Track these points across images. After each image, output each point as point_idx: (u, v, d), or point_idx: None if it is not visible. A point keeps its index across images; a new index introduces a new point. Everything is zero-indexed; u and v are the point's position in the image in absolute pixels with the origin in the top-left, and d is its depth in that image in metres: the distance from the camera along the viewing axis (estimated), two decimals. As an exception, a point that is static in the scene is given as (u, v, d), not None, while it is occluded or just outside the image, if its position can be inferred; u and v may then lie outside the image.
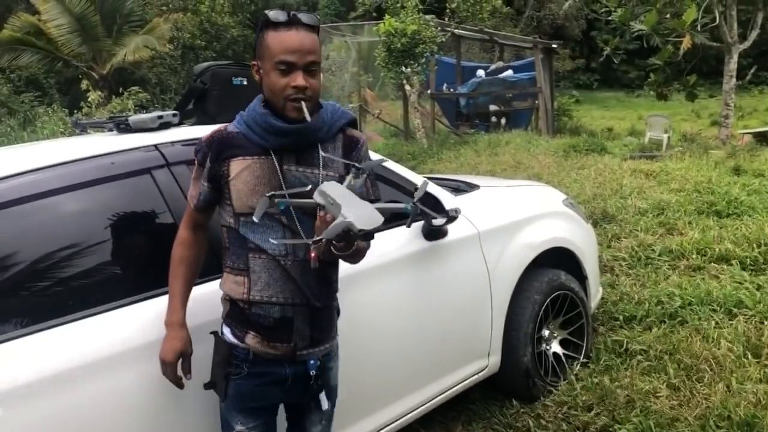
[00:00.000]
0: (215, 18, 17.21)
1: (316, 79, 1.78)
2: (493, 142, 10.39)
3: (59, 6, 18.74)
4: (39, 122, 14.23)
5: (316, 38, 1.78)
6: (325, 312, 1.93)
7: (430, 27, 10.66)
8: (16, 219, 1.98)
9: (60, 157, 2.14)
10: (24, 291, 1.96)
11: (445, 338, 2.92)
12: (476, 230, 3.05)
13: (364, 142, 1.96)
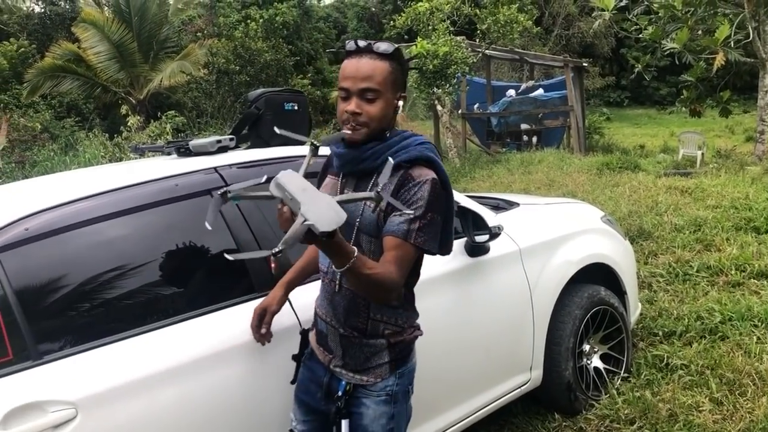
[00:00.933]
0: (249, 43, 17.58)
1: (373, 106, 1.80)
2: (525, 161, 10.45)
3: (98, 34, 19.33)
4: (80, 147, 14.65)
5: (380, 65, 1.80)
6: (356, 341, 1.93)
7: (462, 48, 10.80)
8: (98, 235, 2.14)
9: (131, 179, 2.29)
10: (103, 302, 2.11)
11: (489, 352, 3.00)
12: (517, 247, 3.13)
13: (422, 184, 1.80)
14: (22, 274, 1.97)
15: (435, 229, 1.83)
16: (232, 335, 2.20)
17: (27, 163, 12.82)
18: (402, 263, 1.77)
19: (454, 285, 2.85)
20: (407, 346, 1.99)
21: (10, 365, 1.87)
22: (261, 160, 2.59)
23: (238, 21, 24.23)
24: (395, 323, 1.94)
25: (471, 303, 2.91)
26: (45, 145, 14.67)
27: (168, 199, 2.29)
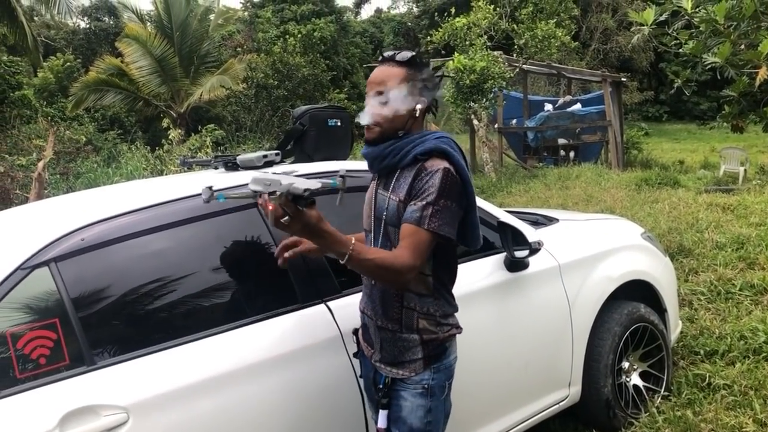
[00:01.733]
0: (287, 58, 17.85)
1: (384, 108, 1.97)
2: (563, 176, 10.39)
3: (141, 49, 19.84)
4: (122, 159, 15.01)
5: (395, 71, 1.98)
6: (389, 335, 2.05)
7: (499, 63, 10.82)
8: (149, 246, 2.22)
9: (181, 192, 2.37)
10: (153, 310, 2.18)
11: (528, 367, 3.00)
12: (557, 262, 3.14)
13: (434, 173, 1.91)
14: (78, 282, 2.05)
15: (449, 215, 1.91)
16: (279, 344, 2.25)
17: (71, 174, 13.17)
18: (416, 248, 1.88)
19: (493, 300, 2.87)
20: (441, 345, 2.05)
21: (66, 370, 1.94)
22: (305, 175, 2.65)
23: (277, 36, 24.63)
24: (427, 312, 2.02)
25: (510, 318, 2.93)
26: (88, 156, 15.06)
27: (216, 213, 2.37)
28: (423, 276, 2.01)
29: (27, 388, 1.87)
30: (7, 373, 1.88)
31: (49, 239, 2.05)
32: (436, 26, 13.01)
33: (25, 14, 15.41)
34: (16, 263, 1.97)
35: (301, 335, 2.32)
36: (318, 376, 2.32)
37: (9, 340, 1.90)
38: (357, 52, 31.93)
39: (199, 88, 19.92)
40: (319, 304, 2.40)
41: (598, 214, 4.87)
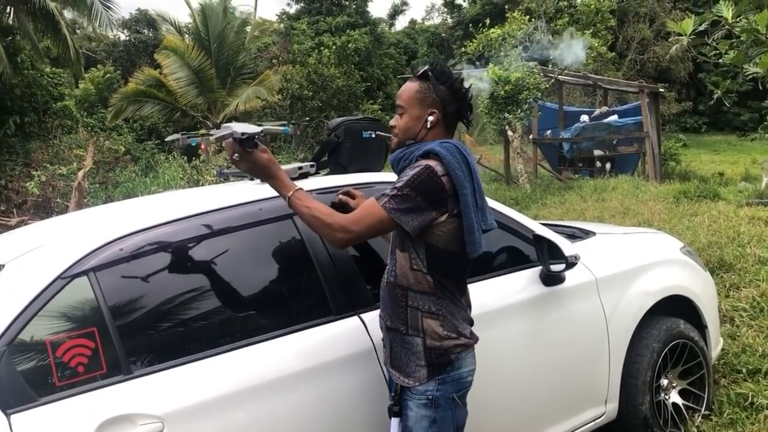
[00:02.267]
0: (321, 69, 17.96)
1: (401, 120, 2.18)
2: (599, 188, 10.24)
3: (179, 60, 20.17)
4: (160, 168, 15.26)
5: (410, 85, 2.17)
6: (397, 337, 2.12)
7: (534, 74, 10.75)
8: (185, 257, 2.25)
9: (218, 203, 2.40)
10: (189, 320, 2.21)
11: (563, 383, 2.95)
12: (593, 277, 3.09)
13: (415, 167, 2.04)
14: (115, 291, 2.09)
15: (409, 204, 2.00)
16: (313, 356, 2.25)
17: (110, 183, 13.45)
18: (361, 216, 2.04)
19: (528, 314, 2.84)
20: (444, 354, 2.07)
21: (103, 378, 1.97)
22: (339, 186, 2.66)
23: (312, 48, 24.84)
24: (429, 310, 2.07)
25: (545, 332, 2.89)
26: (127, 166, 15.37)
27: (252, 223, 2.38)
28: (422, 273, 2.07)
29: (65, 396, 1.90)
30: (47, 380, 1.92)
31: (88, 249, 2.09)
32: (471, 37, 12.99)
33: (67, 27, 15.82)
34: (57, 272, 2.01)
35: (334, 347, 2.32)
36: (351, 389, 2.31)
37: (48, 347, 1.93)
38: (391, 63, 32.06)
39: (235, 99, 20.17)
40: (353, 316, 2.39)
41: (636, 228, 4.79)
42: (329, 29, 30.80)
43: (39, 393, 1.89)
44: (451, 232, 2.05)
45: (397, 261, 2.13)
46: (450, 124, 2.19)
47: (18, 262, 2.07)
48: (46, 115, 17.36)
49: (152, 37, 29.45)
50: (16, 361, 1.89)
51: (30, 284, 1.98)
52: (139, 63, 26.34)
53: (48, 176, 12.06)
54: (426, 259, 2.07)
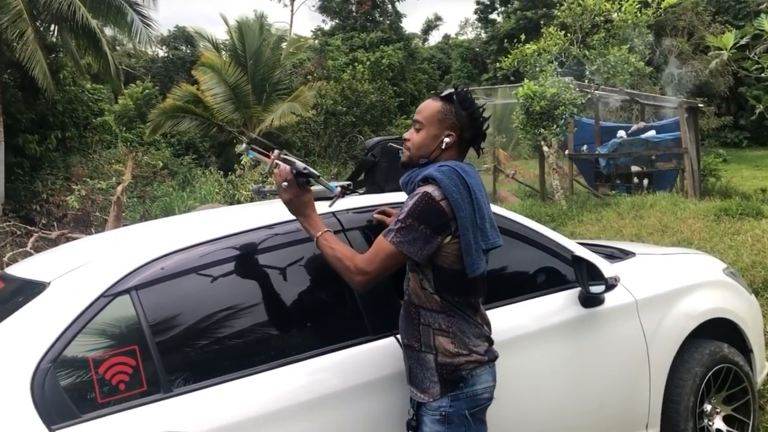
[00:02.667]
0: (355, 85, 18.14)
1: (416, 135, 2.21)
2: (636, 205, 10.06)
3: (216, 77, 20.49)
4: (196, 183, 15.50)
5: (433, 104, 2.20)
6: (412, 354, 2.17)
7: (570, 89, 10.66)
8: (224, 276, 2.27)
9: (256, 222, 2.42)
10: (228, 340, 2.23)
11: (602, 407, 2.90)
12: (633, 298, 3.03)
13: (414, 196, 2.08)
14: (156, 310, 2.11)
15: (413, 234, 2.04)
16: (350, 377, 2.25)
17: (147, 198, 13.69)
18: (373, 256, 2.08)
19: (566, 336, 2.80)
20: (456, 370, 2.09)
21: (143, 396, 1.99)
22: (376, 206, 2.66)
23: (346, 64, 25.08)
24: (440, 328, 2.11)
25: (584, 354, 2.84)
26: (164, 181, 15.64)
27: (290, 242, 2.40)
28: (429, 293, 2.12)
29: (106, 413, 1.93)
30: (89, 397, 1.94)
31: (130, 268, 2.12)
32: (505, 52, 12.95)
33: (108, 44, 16.21)
34: (100, 291, 2.05)
35: (370, 367, 2.31)
36: (387, 410, 2.30)
37: (91, 364, 1.96)
38: (424, 78, 32.18)
39: (271, 115, 20.40)
40: (389, 336, 2.39)
41: (677, 248, 4.70)
42: (363, 45, 31.06)
43: (81, 409, 1.91)
44: (455, 252, 2.08)
45: (410, 281, 2.20)
46: (463, 148, 2.23)
47: (63, 280, 2.11)
48: (86, 130, 17.78)
49: (190, 54, 30.01)
50: (60, 378, 1.92)
51: (74, 302, 2.02)
52: (177, 79, 26.83)
53: (88, 190, 12.32)
54: (433, 279, 2.12)
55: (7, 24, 13.42)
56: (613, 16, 11.68)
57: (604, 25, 11.65)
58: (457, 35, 43.96)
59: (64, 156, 16.42)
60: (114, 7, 16.22)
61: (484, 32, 39.86)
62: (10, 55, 14.88)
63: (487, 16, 39.93)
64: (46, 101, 15.91)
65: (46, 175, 15.32)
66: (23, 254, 9.58)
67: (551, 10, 20.42)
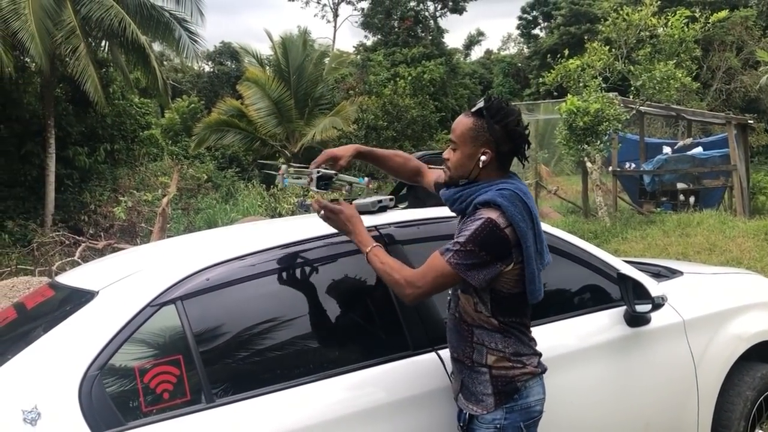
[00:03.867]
0: (397, 100, 18.21)
1: (453, 155, 2.14)
2: (682, 222, 9.85)
3: (260, 91, 20.82)
4: (239, 196, 15.72)
5: (464, 121, 2.11)
6: (464, 368, 2.13)
7: (614, 105, 10.52)
8: (268, 288, 2.30)
9: (300, 235, 2.44)
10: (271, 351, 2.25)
11: (648, 429, 2.82)
12: (681, 318, 2.95)
13: (475, 220, 2.00)
14: (201, 320, 2.14)
15: (473, 260, 1.98)
16: (390, 392, 2.24)
17: (191, 210, 13.92)
18: (426, 272, 2.04)
19: (611, 356, 2.74)
20: (511, 382, 2.07)
21: (186, 406, 2.01)
22: (418, 220, 2.66)
23: (388, 79, 25.21)
24: (496, 348, 2.08)
25: (629, 376, 2.77)
26: (208, 193, 15.89)
27: (333, 255, 2.41)
28: (485, 316, 2.08)
29: (151, 422, 1.95)
30: (134, 405, 1.97)
31: (176, 278, 2.15)
32: (548, 67, 12.88)
33: (156, 59, 16.63)
34: (146, 300, 2.08)
35: (411, 383, 2.29)
36: (427, 426, 2.28)
37: (136, 373, 1.99)
38: (466, 93, 32.13)
39: (313, 129, 20.62)
40: (430, 352, 2.37)
41: (726, 268, 4.56)
42: (405, 60, 31.19)
43: (126, 417, 1.94)
44: (515, 277, 2.05)
45: (460, 300, 2.15)
46: (504, 163, 2.13)
47: (110, 290, 2.15)
48: (133, 143, 18.23)
49: (235, 69, 30.60)
50: (106, 385, 1.95)
51: (121, 311, 2.06)
52: (221, 93, 27.36)
53: (134, 202, 12.59)
54: (489, 303, 2.08)
55: (61, 40, 13.89)
56: (659, 31, 11.50)
57: (650, 40, 11.48)
58: (499, 50, 43.93)
59: (112, 168, 16.84)
60: (162, 23, 16.66)
61: (526, 47, 39.71)
62: (63, 70, 15.39)
63: (529, 32, 39.78)
64: (96, 115, 16.38)
65: (95, 187, 15.73)
66: (71, 263, 9.84)
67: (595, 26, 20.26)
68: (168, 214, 10.63)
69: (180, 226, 12.37)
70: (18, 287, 7.68)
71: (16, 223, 13.52)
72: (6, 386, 1.90)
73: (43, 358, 1.96)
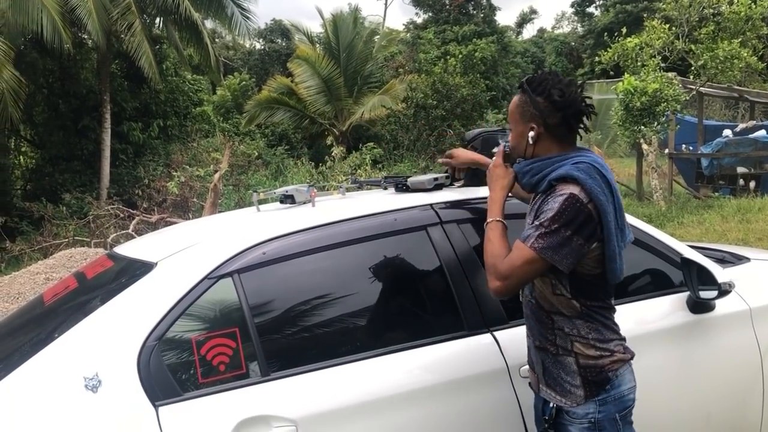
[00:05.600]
0: (447, 78, 17.93)
1: (511, 136, 2.09)
2: (742, 208, 9.50)
3: (310, 69, 20.90)
4: (288, 173, 15.83)
5: (514, 99, 2.06)
6: (548, 357, 2.02)
7: (673, 85, 10.17)
8: (323, 263, 2.29)
9: (356, 211, 2.42)
10: (324, 326, 2.24)
11: (709, 420, 2.73)
12: (747, 306, 2.83)
13: (557, 196, 1.87)
14: (257, 294, 2.14)
15: (558, 240, 1.84)
16: (444, 371, 2.21)
17: (241, 186, 14.08)
18: (513, 261, 1.89)
19: (672, 342, 2.64)
20: (601, 372, 1.95)
21: (242, 378, 2.02)
22: (474, 199, 2.60)
23: (438, 57, 24.92)
24: (578, 334, 1.96)
25: (691, 363, 2.68)
26: (258, 170, 16.05)
27: (387, 233, 2.38)
28: (565, 298, 1.96)
29: (207, 393, 1.97)
30: (191, 376, 1.99)
31: (233, 252, 2.15)
32: (602, 46, 12.54)
33: (209, 36, 16.79)
34: (204, 273, 2.09)
35: (466, 364, 2.26)
36: (481, 408, 2.25)
37: (194, 345, 2.00)
38: (517, 72, 31.56)
39: (361, 108, 20.60)
40: (486, 333, 2.32)
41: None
42: (456, 38, 30.79)
43: (183, 388, 1.96)
44: (597, 257, 1.92)
45: (535, 285, 2.02)
46: (559, 135, 2.00)
47: (169, 261, 2.17)
48: (186, 119, 18.51)
49: (285, 47, 30.70)
50: (164, 356, 1.97)
51: (179, 283, 2.07)
52: (272, 71, 27.53)
53: (186, 177, 12.80)
54: (569, 285, 1.95)
55: (117, 16, 14.13)
56: (723, 9, 11.05)
57: (713, 18, 11.04)
58: (552, 29, 42.99)
59: (165, 143, 17.14)
60: (215, 0, 16.78)
61: (580, 26, 38.75)
62: (119, 47, 15.68)
63: (584, 10, 38.75)
64: (150, 91, 16.67)
65: (148, 162, 16.04)
66: (125, 236, 10.08)
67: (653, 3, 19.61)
68: (219, 189, 10.77)
69: (231, 202, 12.54)
70: (75, 257, 7.92)
71: (73, 196, 13.90)
72: (69, 353, 1.93)
73: (103, 327, 2.00)
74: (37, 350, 1.94)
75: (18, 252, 11.34)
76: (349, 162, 14.41)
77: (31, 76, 14.37)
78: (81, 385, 1.86)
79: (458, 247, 2.40)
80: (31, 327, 2.40)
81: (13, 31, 12.44)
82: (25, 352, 2.01)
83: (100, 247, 9.68)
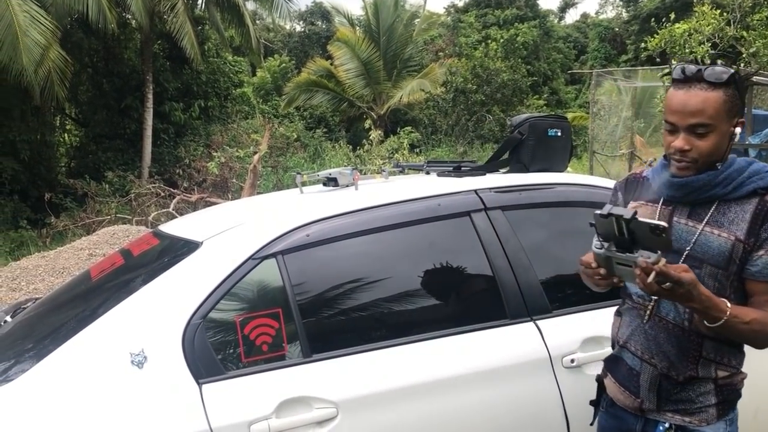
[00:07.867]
0: (487, 63, 17.75)
1: (705, 141, 1.68)
2: (790, 201, 9.24)
3: (349, 52, 20.88)
4: (326, 156, 15.89)
5: (712, 96, 1.65)
6: (678, 385, 1.78)
7: (723, 73, 9.87)
8: (366, 246, 2.29)
9: (400, 195, 2.41)
10: (366, 310, 2.24)
11: (757, 415, 2.66)
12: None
13: None
14: (300, 275, 2.15)
15: None
16: (486, 359, 2.19)
17: (280, 167, 14.19)
18: None
19: None
20: (735, 389, 1.80)
21: (284, 359, 2.03)
22: (519, 186, 2.56)
23: (479, 41, 24.70)
24: (728, 363, 1.76)
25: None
26: (296, 152, 16.14)
27: (431, 218, 2.36)
28: None
29: (250, 372, 1.98)
30: (234, 355, 2.01)
31: (277, 233, 2.16)
32: (648, 32, 12.21)
33: (250, 18, 16.85)
34: (248, 253, 2.10)
35: (507, 353, 2.23)
36: (521, 397, 2.22)
37: (237, 324, 2.02)
38: (559, 57, 31.09)
39: (400, 91, 20.54)
40: (529, 322, 2.30)
41: None
42: (497, 22, 30.43)
43: (227, 367, 1.98)
44: None
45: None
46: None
47: (214, 241, 2.19)
48: (226, 100, 18.66)
49: (325, 29, 30.67)
50: (208, 334, 1.99)
51: (224, 262, 2.09)
52: (311, 54, 27.54)
53: (226, 158, 12.93)
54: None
55: (160, -4, 14.27)
56: (778, -6, 10.67)
57: None
58: (596, 14, 42.09)
59: (206, 124, 17.32)
60: (257, -19, 16.85)
61: (625, 11, 37.84)
62: (161, 27, 15.83)
63: (630, -6, 37.88)
64: (192, 71, 16.82)
65: (189, 142, 16.24)
66: (166, 215, 10.25)
67: (703, -12, 19.04)
68: (258, 170, 10.85)
69: (269, 183, 12.64)
70: (118, 235, 8.08)
71: (116, 174, 14.16)
72: (116, 328, 1.96)
73: (149, 304, 2.02)
74: (85, 325, 1.98)
75: (62, 227, 11.61)
76: (386, 146, 14.40)
77: (76, 55, 14.59)
78: (127, 361, 1.89)
79: (502, 234, 2.37)
80: (78, 302, 2.45)
81: (60, 11, 12.64)
82: (72, 326, 2.05)
83: (142, 225, 9.87)
